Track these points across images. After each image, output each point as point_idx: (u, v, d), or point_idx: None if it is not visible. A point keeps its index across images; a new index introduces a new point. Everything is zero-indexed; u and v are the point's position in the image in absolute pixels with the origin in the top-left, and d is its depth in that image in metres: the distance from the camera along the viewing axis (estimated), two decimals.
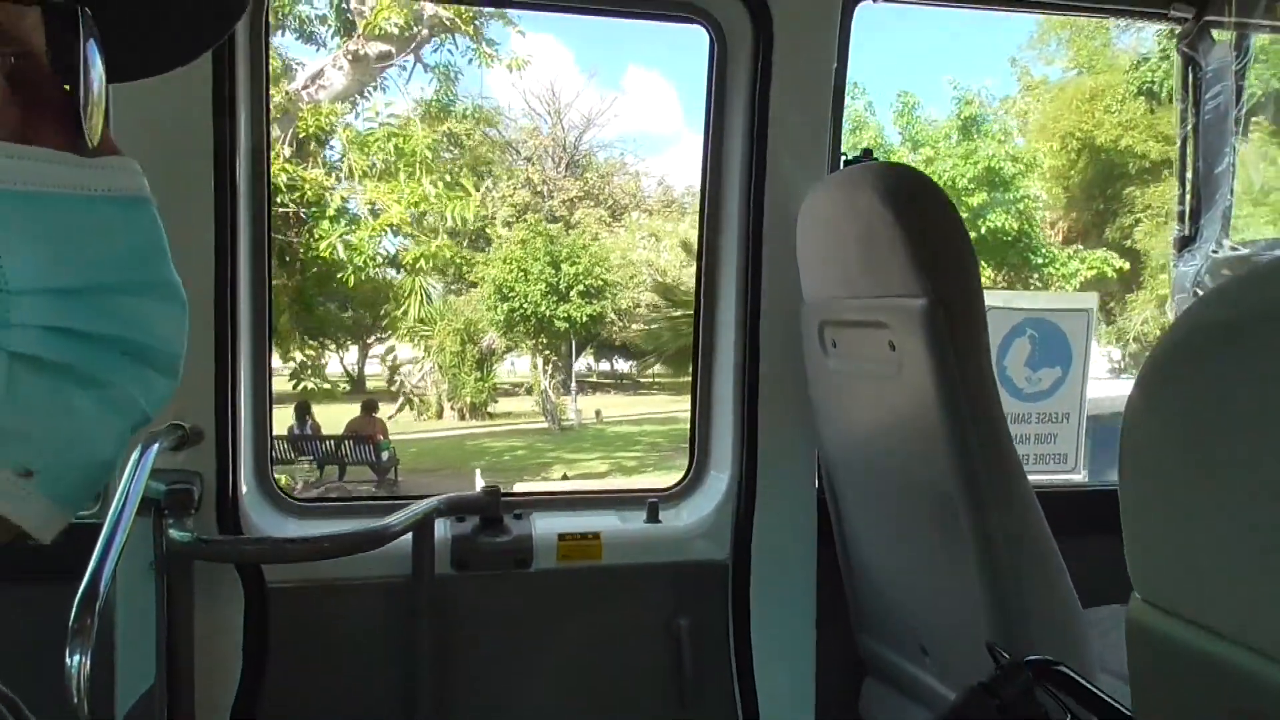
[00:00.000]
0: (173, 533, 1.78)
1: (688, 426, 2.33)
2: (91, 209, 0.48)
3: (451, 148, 17.74)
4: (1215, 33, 2.40)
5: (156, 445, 1.67)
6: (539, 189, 20.82)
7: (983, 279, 1.66)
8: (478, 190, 15.81)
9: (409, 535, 1.95)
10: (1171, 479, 0.63)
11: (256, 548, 1.95)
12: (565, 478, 15.92)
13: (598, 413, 20.77)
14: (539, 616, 2.11)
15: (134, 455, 1.62)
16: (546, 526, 2.12)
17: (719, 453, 2.28)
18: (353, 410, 16.31)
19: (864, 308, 1.77)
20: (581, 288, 17.77)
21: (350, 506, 2.19)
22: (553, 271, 17.88)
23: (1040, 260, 17.07)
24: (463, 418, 19.58)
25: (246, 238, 1.96)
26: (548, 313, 17.80)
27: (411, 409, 19.72)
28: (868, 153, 2.08)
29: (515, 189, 20.95)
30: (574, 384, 20.55)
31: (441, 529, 2.05)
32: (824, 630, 2.23)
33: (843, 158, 2.15)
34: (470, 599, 2.07)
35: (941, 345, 1.57)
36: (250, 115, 1.94)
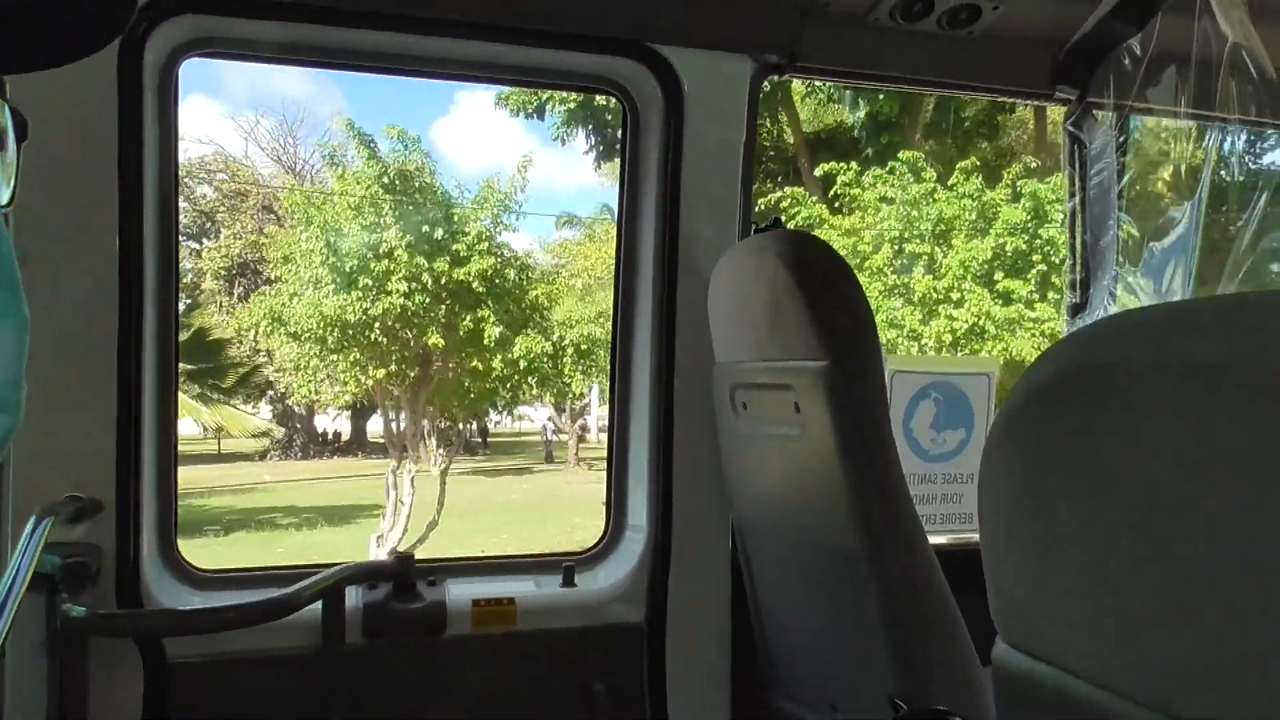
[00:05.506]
0: (67, 607, 1.71)
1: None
2: None
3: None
4: (1097, 113, 2.57)
5: (50, 518, 1.61)
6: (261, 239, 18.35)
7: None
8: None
9: (318, 604, 1.91)
10: (1020, 526, 0.67)
11: (158, 620, 1.89)
12: None
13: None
14: (454, 684, 2.07)
15: (26, 528, 1.56)
16: (460, 592, 2.10)
17: (635, 514, 2.30)
18: None
19: (771, 370, 1.82)
20: None
21: (257, 576, 2.13)
22: None
23: None
24: None
25: (152, 299, 1.93)
26: None
27: None
28: (777, 220, 2.16)
29: (234, 239, 19.31)
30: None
31: (352, 597, 2.01)
32: (738, 690, 2.23)
33: (753, 226, 2.23)
34: (383, 668, 2.02)
35: (842, 406, 1.63)
36: (159, 188, 1.93)
